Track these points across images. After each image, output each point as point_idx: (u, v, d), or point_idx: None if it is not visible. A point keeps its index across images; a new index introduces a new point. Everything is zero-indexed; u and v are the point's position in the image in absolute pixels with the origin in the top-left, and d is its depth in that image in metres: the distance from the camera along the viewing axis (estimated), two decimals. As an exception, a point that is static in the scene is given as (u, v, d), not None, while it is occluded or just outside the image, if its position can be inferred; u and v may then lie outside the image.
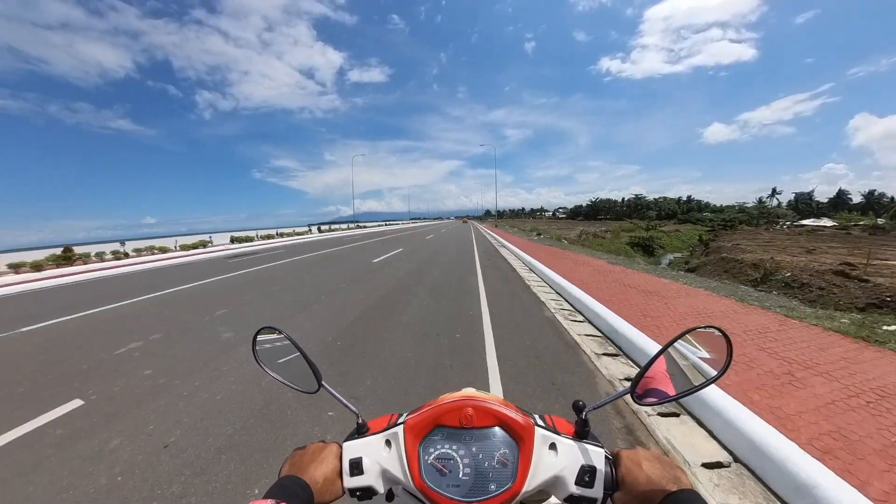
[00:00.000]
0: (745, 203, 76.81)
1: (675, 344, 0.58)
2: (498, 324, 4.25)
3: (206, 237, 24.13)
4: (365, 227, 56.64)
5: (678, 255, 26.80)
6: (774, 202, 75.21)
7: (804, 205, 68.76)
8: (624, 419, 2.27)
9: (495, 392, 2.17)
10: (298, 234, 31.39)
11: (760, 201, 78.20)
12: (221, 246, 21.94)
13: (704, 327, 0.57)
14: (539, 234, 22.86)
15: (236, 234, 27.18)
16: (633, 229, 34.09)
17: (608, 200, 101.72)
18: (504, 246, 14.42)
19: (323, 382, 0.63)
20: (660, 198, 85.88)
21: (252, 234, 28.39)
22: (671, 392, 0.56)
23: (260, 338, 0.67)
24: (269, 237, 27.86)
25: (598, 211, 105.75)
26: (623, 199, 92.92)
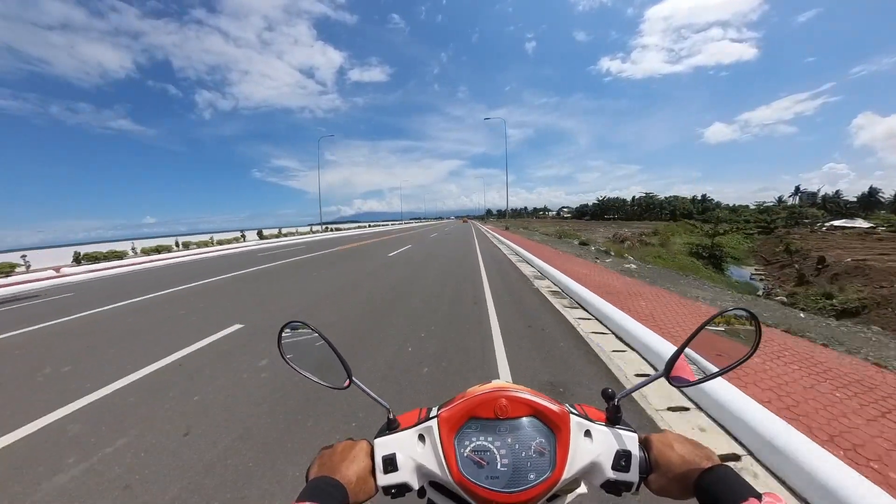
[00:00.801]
0: (763, 203, 72.13)
1: (707, 327, 0.59)
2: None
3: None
4: (371, 226, 59.08)
5: (750, 268, 21.06)
6: (795, 201, 70.68)
7: (832, 204, 64.21)
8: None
9: None
10: (301, 233, 35.37)
11: (780, 200, 73.59)
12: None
13: (733, 309, 0.59)
14: (583, 244, 15.17)
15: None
16: (678, 232, 27.70)
17: (617, 199, 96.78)
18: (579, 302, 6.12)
19: (353, 378, 0.62)
20: (671, 196, 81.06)
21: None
22: (702, 374, 0.58)
23: (286, 333, 0.67)
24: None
25: (604, 210, 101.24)
26: (633, 197, 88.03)
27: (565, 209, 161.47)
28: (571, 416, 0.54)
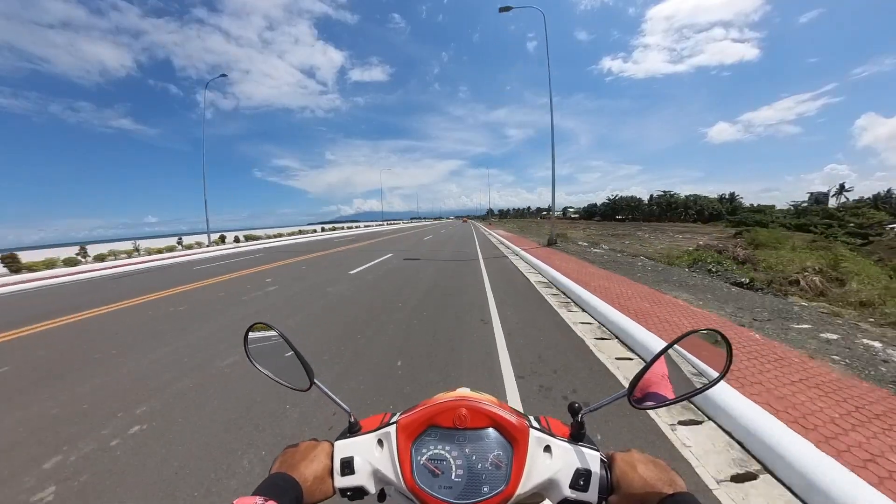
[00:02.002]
0: (800, 202, 63.42)
1: (675, 347, 0.57)
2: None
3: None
4: (366, 226, 59.16)
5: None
6: (841, 200, 61.91)
7: (884, 204, 55.56)
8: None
9: None
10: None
11: (818, 201, 64.80)
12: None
13: (705, 330, 0.57)
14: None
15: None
16: (780, 241, 15.82)
17: (632, 198, 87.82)
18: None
19: (315, 380, 0.63)
20: (693, 195, 71.98)
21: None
22: (670, 396, 0.55)
23: (252, 335, 0.68)
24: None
25: (616, 210, 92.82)
26: (653, 195, 78.86)
27: (570, 209, 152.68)
28: (531, 430, 0.53)
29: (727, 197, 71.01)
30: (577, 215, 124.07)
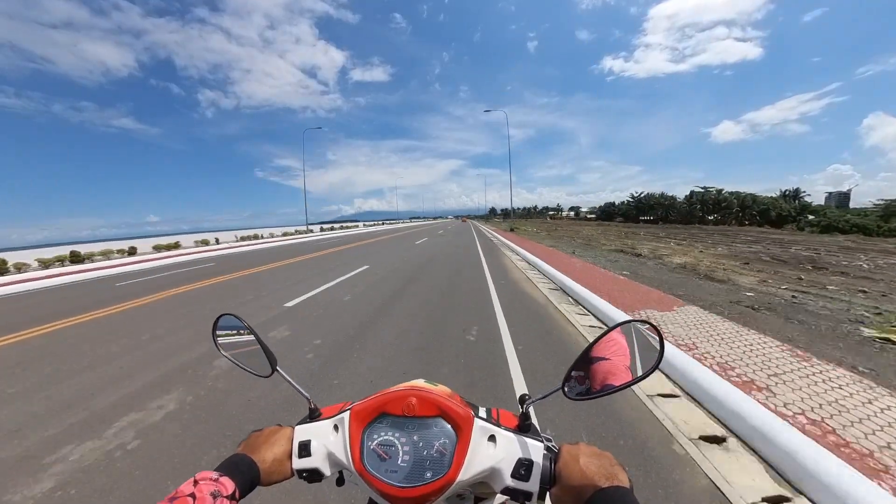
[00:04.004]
0: (890, 201, 49.44)
1: (605, 338, 0.58)
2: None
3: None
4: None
5: None
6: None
7: None
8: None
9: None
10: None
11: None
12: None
13: (636, 321, 0.59)
14: None
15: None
16: None
17: (662, 196, 74.06)
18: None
19: (277, 367, 0.68)
20: (748, 193, 56.90)
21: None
22: (598, 387, 0.57)
23: (220, 324, 0.74)
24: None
25: (641, 210, 79.22)
26: (693, 191, 64.34)
27: (573, 209, 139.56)
28: (476, 419, 0.55)
29: (789, 193, 57.42)
30: (593, 216, 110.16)
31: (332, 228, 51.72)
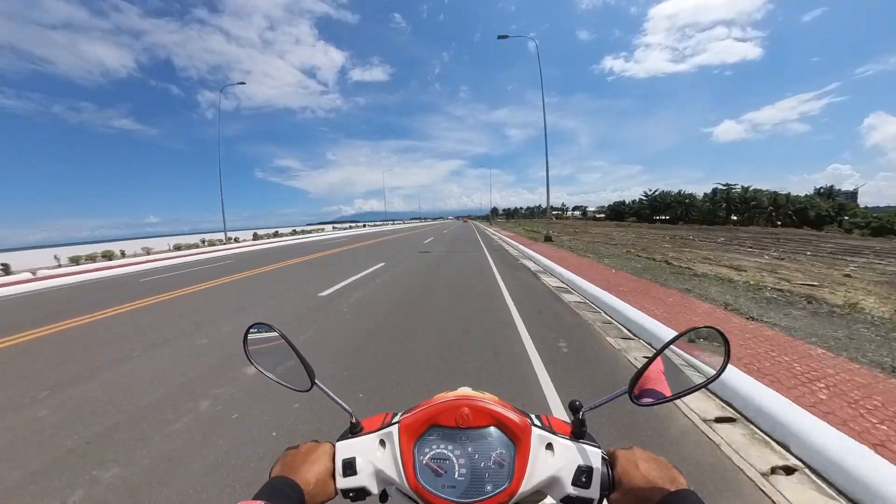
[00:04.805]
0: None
1: (673, 345, 0.57)
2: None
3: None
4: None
5: None
6: None
7: None
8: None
9: None
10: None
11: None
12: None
13: (703, 328, 0.57)
14: None
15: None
16: None
17: (680, 194, 69.26)
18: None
19: (316, 381, 0.63)
20: (760, 191, 51.84)
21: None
22: (668, 393, 0.55)
23: (252, 333, 0.68)
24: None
25: (656, 209, 75.14)
26: (716, 189, 58.67)
27: (585, 208, 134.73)
28: (533, 428, 0.53)
29: (823, 191, 52.95)
30: (602, 215, 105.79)
31: (335, 227, 53.95)
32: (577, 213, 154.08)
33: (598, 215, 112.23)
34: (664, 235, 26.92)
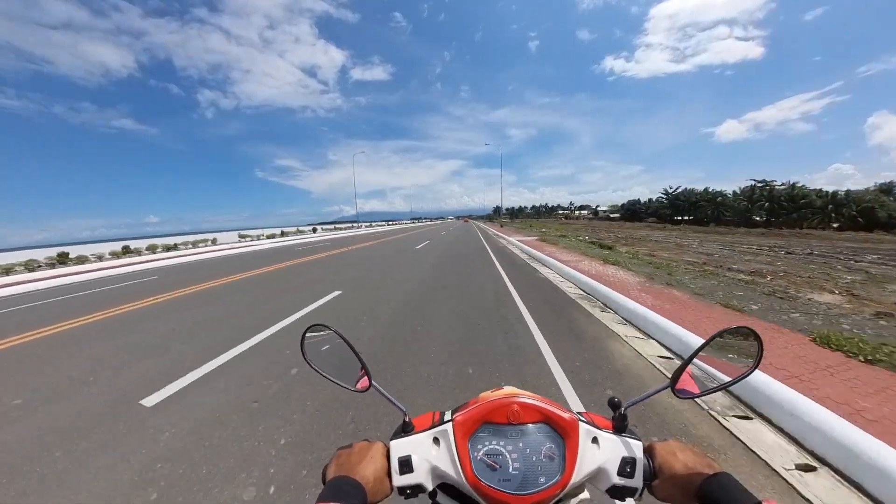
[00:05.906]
0: None
1: (712, 343, 0.61)
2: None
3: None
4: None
5: None
6: None
7: None
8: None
9: None
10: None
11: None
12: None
13: (737, 328, 0.61)
14: None
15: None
16: None
17: (706, 192, 62.00)
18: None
19: (374, 382, 0.65)
20: (844, 191, 42.86)
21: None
22: (707, 386, 0.60)
23: (310, 334, 0.69)
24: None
25: (678, 208, 68.38)
26: (755, 185, 51.13)
27: (584, 207, 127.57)
28: (580, 423, 0.56)
29: (885, 187, 46.02)
30: (616, 215, 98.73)
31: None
32: (584, 212, 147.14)
33: (612, 215, 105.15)
34: (733, 242, 20.17)
